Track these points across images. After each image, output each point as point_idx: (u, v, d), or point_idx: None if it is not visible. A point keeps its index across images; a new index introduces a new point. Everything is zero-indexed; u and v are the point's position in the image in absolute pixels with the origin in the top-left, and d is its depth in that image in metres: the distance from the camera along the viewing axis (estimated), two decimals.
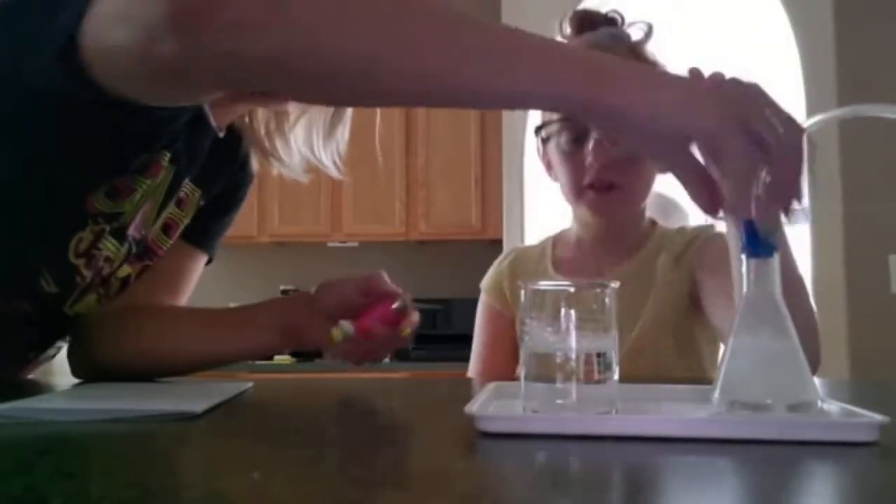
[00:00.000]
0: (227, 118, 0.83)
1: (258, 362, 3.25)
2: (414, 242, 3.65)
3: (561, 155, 1.00)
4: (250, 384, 0.74)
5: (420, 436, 0.53)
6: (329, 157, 0.87)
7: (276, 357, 3.28)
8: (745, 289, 0.52)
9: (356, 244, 3.68)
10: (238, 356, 0.84)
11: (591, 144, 0.94)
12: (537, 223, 3.15)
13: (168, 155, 0.75)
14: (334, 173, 0.88)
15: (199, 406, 0.57)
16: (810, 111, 2.55)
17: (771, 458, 0.42)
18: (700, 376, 0.99)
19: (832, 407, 0.51)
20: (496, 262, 1.15)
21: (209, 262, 0.94)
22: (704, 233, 1.02)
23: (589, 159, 0.94)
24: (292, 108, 0.82)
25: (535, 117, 1.00)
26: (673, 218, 1.39)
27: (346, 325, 0.76)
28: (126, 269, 0.81)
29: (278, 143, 0.87)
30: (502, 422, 0.49)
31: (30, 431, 0.51)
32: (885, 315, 2.37)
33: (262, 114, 0.86)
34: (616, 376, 0.52)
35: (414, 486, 0.37)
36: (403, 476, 0.39)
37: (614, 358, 0.52)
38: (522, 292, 0.53)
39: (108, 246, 0.76)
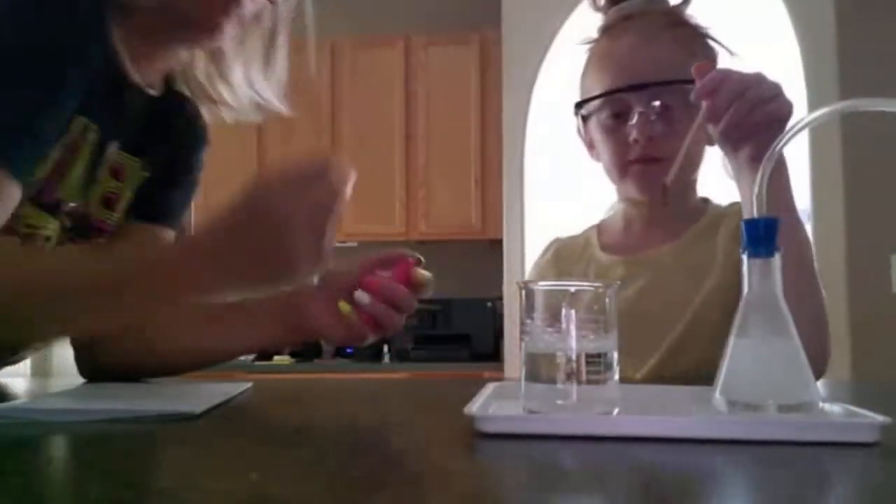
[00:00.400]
0: (157, 72, 0.81)
1: (257, 363, 3.24)
2: (414, 242, 3.65)
3: (603, 132, 0.96)
4: (250, 384, 0.74)
5: (420, 436, 0.53)
6: (272, 92, 0.85)
7: (276, 357, 3.28)
8: (745, 289, 0.52)
9: (356, 244, 3.68)
10: (243, 351, 0.83)
11: (635, 119, 0.91)
12: (537, 223, 3.15)
13: (84, 120, 0.73)
14: (279, 107, 0.86)
15: (198, 406, 0.56)
16: (812, 106, 2.55)
17: (771, 459, 0.42)
18: None
19: (833, 407, 0.50)
20: (537, 259, 1.12)
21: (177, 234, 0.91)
22: None
23: (634, 134, 0.91)
24: (227, 44, 0.80)
25: (536, 120, 1.00)
26: None
27: (359, 295, 0.75)
28: None
29: (222, 88, 0.85)
30: (502, 422, 0.49)
31: (30, 431, 0.51)
32: (886, 315, 2.37)
33: (200, 61, 0.84)
34: (616, 376, 0.52)
35: (414, 487, 0.37)
36: (403, 476, 0.39)
37: (615, 358, 0.51)
38: (523, 292, 0.53)
39: (32, 216, 0.73)
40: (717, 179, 0.94)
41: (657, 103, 0.91)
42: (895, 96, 0.51)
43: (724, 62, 0.96)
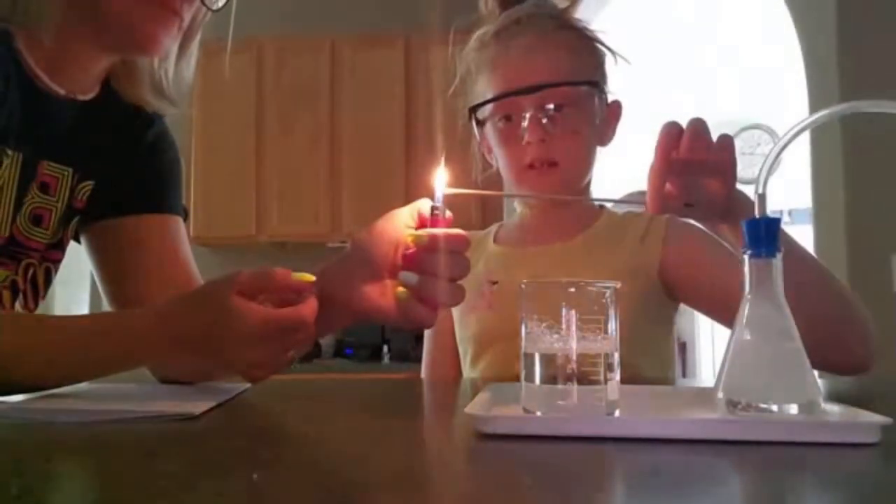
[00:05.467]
0: (89, 79, 0.80)
1: None
2: None
3: (498, 136, 0.96)
4: (249, 384, 0.74)
5: (420, 436, 0.53)
6: (178, 90, 0.85)
7: None
8: (746, 288, 0.52)
9: None
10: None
11: (526, 122, 0.91)
12: None
13: (10, 152, 0.72)
14: (178, 107, 0.86)
15: (197, 407, 0.56)
16: (813, 108, 2.55)
17: (772, 459, 0.42)
18: (659, 367, 0.95)
19: (834, 407, 0.50)
20: None
21: (185, 219, 0.89)
22: (658, 216, 0.94)
23: (526, 137, 0.91)
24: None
25: None
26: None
27: (407, 276, 0.63)
28: (1, 272, 0.76)
29: (169, 81, 0.83)
30: (502, 423, 0.48)
31: (29, 431, 0.51)
32: (887, 315, 2.37)
33: (147, 61, 0.82)
34: (617, 377, 0.52)
35: (413, 487, 0.37)
36: (403, 477, 0.39)
37: (615, 359, 0.51)
38: (524, 292, 0.53)
39: None
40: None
41: (550, 105, 0.91)
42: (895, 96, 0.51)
43: (609, 64, 0.99)
